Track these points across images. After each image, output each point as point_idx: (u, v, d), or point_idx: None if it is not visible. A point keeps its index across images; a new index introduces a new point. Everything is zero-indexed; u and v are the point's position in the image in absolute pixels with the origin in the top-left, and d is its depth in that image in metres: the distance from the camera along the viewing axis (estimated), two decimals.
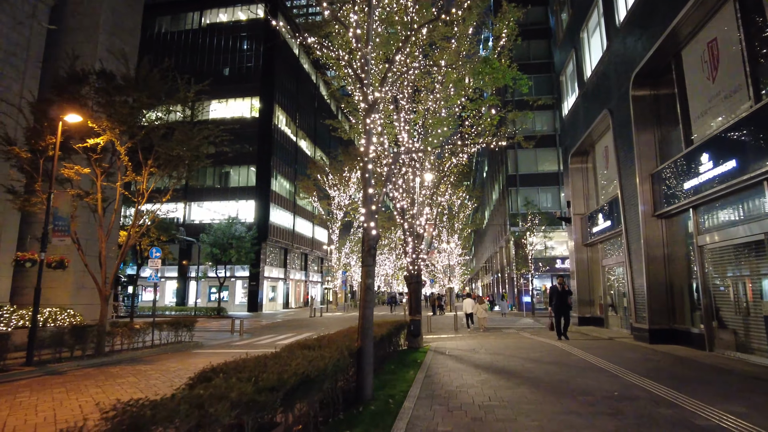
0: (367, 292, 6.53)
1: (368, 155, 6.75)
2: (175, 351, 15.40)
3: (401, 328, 12.09)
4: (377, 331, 8.84)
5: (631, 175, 12.84)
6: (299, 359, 4.46)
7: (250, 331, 23.34)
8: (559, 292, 14.11)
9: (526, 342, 13.50)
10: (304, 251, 55.25)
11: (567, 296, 14.20)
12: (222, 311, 36.76)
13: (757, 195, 8.34)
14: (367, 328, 6.40)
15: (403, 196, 13.88)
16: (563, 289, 14.19)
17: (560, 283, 14.34)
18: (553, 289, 14.49)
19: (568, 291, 14.31)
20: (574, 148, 18.39)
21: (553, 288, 14.54)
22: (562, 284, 14.33)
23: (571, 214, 18.97)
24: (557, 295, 14.09)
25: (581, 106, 17.61)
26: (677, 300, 11.61)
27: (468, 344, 13.33)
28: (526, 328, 20.60)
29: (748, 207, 8.69)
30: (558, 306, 14.05)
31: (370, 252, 6.59)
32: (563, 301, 14.04)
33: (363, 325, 6.43)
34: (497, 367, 8.80)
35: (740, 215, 8.99)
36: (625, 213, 13.34)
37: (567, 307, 14.12)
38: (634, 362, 8.87)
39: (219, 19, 49.07)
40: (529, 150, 40.37)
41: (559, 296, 14.03)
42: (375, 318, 7.26)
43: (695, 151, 9.81)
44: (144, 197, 14.31)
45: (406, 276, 13.99)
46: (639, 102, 12.34)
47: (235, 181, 45.95)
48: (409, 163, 13.83)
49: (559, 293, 14.09)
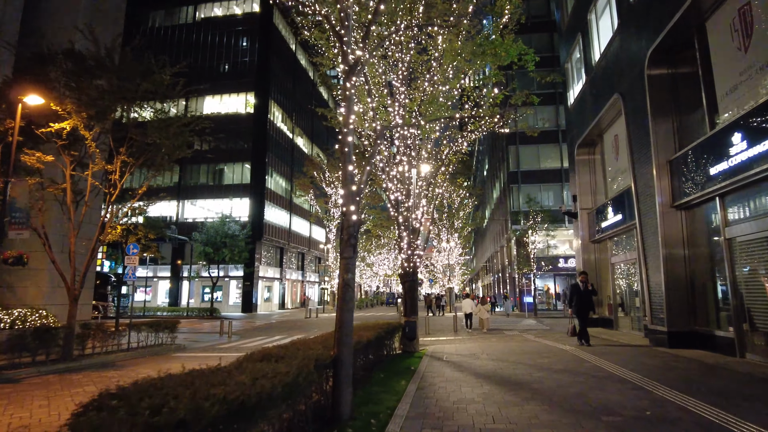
0: (345, 290, 5.42)
1: (348, 125, 5.64)
2: (154, 354, 14.35)
3: (394, 331, 10.98)
4: (364, 334, 7.74)
5: (645, 164, 11.73)
6: (244, 376, 3.37)
7: (240, 332, 22.33)
8: (581, 291, 11.95)
9: (531, 346, 12.38)
10: (300, 251, 54.13)
11: (591, 296, 12.00)
12: (215, 312, 35.66)
13: None
14: (345, 334, 5.30)
15: (398, 187, 12.77)
16: (586, 288, 11.98)
17: (582, 281, 12.10)
18: (574, 287, 12.32)
19: (592, 290, 12.04)
20: (581, 138, 17.28)
21: (573, 286, 12.36)
22: (585, 281, 12.07)
23: (578, 208, 17.86)
24: (579, 294, 11.94)
25: (588, 93, 16.51)
26: (699, 300, 10.49)
27: (468, 348, 12.22)
28: (530, 330, 19.49)
29: None
30: (580, 308, 11.90)
31: (350, 242, 5.49)
32: (586, 302, 11.89)
33: (340, 331, 5.33)
34: (501, 376, 7.69)
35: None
36: (639, 205, 12.23)
37: (590, 307, 12.05)
38: (658, 371, 7.76)
39: (214, 13, 47.98)
40: (531, 146, 39.30)
41: (582, 296, 11.89)
42: (368, 319, 6.14)
43: (724, 132, 8.70)
44: (117, 189, 13.22)
45: (401, 274, 12.88)
46: (655, 82, 11.23)
47: (229, 179, 44.82)
48: (404, 151, 12.72)
49: (581, 293, 11.93)
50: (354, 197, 5.55)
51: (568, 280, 38.12)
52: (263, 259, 44.42)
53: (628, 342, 12.22)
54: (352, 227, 5.49)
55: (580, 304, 11.90)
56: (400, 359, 10.40)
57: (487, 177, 56.68)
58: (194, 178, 45.01)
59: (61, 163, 12.87)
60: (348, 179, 5.55)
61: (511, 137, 39.52)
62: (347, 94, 5.69)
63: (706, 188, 9.43)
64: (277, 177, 47.03)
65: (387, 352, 10.99)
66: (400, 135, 12.61)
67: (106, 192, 13.05)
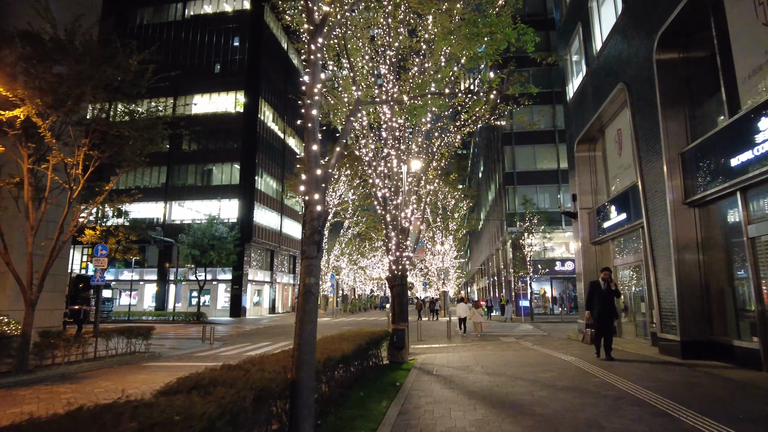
0: (307, 298, 4.38)
1: (313, 96, 4.62)
2: (124, 364, 13.33)
3: (380, 340, 9.93)
4: (340, 347, 6.69)
5: (654, 157, 10.78)
6: (135, 423, 2.34)
7: (225, 338, 21.27)
8: (602, 291, 9.87)
9: (531, 356, 11.36)
10: (292, 253, 52.95)
11: (614, 298, 9.98)
12: (202, 316, 34.44)
13: None
14: (305, 353, 4.25)
15: (385, 183, 11.76)
16: (609, 288, 9.90)
17: (605, 278, 9.97)
18: (593, 287, 10.14)
19: (614, 290, 9.99)
20: (581, 134, 16.34)
21: (593, 285, 10.16)
22: (607, 279, 9.97)
23: (577, 208, 16.89)
24: (600, 295, 9.88)
25: (589, 86, 15.58)
26: (716, 306, 9.51)
27: (461, 358, 11.18)
28: (527, 336, 18.50)
29: None
30: (602, 312, 9.82)
31: (313, 237, 4.45)
32: (608, 306, 9.86)
33: (300, 348, 4.28)
34: (498, 396, 6.65)
35: None
36: (646, 203, 11.27)
37: (613, 313, 9.98)
38: (679, 389, 6.75)
39: (203, 10, 46.89)
40: (527, 146, 38.43)
41: (603, 298, 9.83)
42: (359, 324, 5.11)
43: (748, 117, 7.74)
44: (80, 185, 12.12)
45: (389, 277, 11.86)
46: (665, 67, 10.29)
47: (218, 179, 43.65)
48: (392, 144, 11.72)
49: (602, 293, 9.86)
50: (319, 183, 4.52)
51: (565, 284, 37.19)
52: (253, 262, 43.23)
53: (635, 351, 11.22)
54: (315, 220, 4.46)
55: (601, 308, 9.84)
56: (386, 372, 9.36)
57: (483, 179, 55.79)
58: (182, 179, 43.80)
59: (18, 156, 11.77)
60: (311, 161, 4.52)
61: (507, 137, 38.65)
62: (312, 59, 4.67)
63: (725, 182, 8.46)
64: (267, 178, 45.90)
65: (373, 362, 9.95)
66: (387, 127, 11.62)
67: (67, 188, 11.94)
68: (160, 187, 43.62)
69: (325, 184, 4.58)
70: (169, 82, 13.14)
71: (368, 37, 11.48)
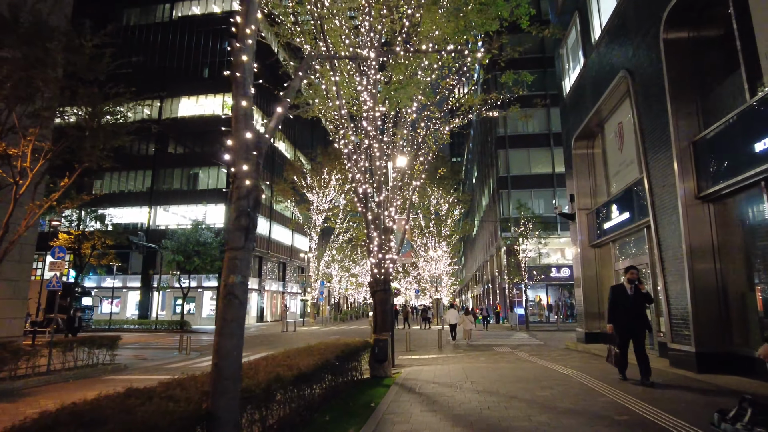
0: (229, 304, 3.25)
1: (245, 38, 3.53)
2: (82, 378, 12.16)
3: (355, 354, 8.76)
4: (298, 363, 5.55)
5: (661, 149, 9.76)
6: None
7: (204, 348, 20.04)
8: (628, 297, 7.66)
9: (527, 369, 10.23)
10: (282, 260, 51.62)
11: (643, 305, 7.79)
12: (185, 325, 33.03)
13: None
14: (226, 376, 3.12)
15: (366, 178, 10.66)
16: (637, 292, 7.67)
17: (631, 279, 7.68)
18: (616, 292, 7.90)
19: (645, 295, 7.72)
20: (579, 129, 15.36)
21: (616, 291, 7.92)
22: (634, 280, 7.68)
23: (576, 209, 15.87)
24: (626, 302, 7.68)
25: (587, 78, 14.62)
26: (736, 314, 8.45)
27: (450, 371, 10.03)
28: (522, 346, 17.38)
29: None
30: (630, 323, 7.67)
31: (239, 221, 3.34)
32: (638, 314, 7.66)
33: (218, 370, 3.15)
34: (489, 422, 5.51)
35: None
36: (653, 199, 10.23)
37: (645, 324, 7.79)
38: (705, 412, 5.64)
39: (192, 11, 45.94)
40: (521, 150, 37.59)
41: (631, 305, 7.64)
42: (347, 334, 3.96)
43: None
44: (28, 179, 10.93)
45: (370, 282, 10.73)
46: (673, 48, 9.31)
47: (204, 184, 42.40)
48: (373, 134, 10.64)
49: (628, 300, 7.65)
50: (250, 150, 3.41)
51: (561, 291, 36.15)
52: None
53: None
54: (244, 199, 3.34)
55: (629, 318, 7.66)
56: (364, 389, 8.21)
57: (476, 184, 54.89)
58: (167, 183, 42.52)
59: None
60: (240, 122, 3.42)
61: (501, 141, 37.79)
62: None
63: (746, 171, 7.43)
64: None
65: (351, 376, 8.81)
66: (368, 116, 10.55)
67: (12, 182, 10.74)
68: (144, 192, 42.31)
69: (260, 153, 3.48)
70: (156, 83, 12.35)
71: (347, 17, 10.46)
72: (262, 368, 4.90)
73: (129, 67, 11.43)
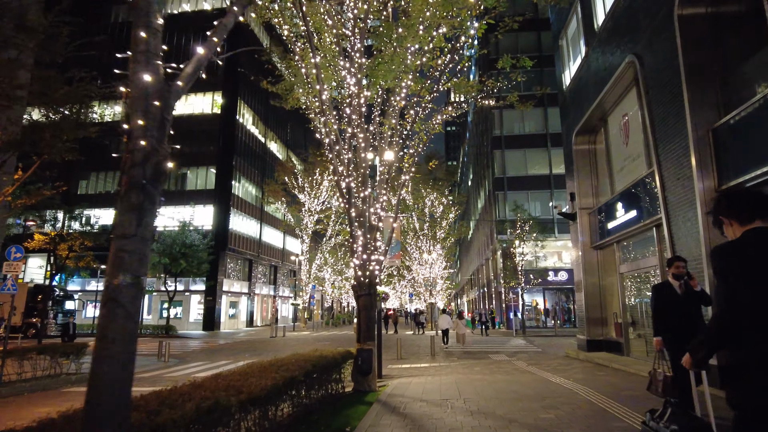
0: (110, 316, 2.24)
1: None
2: (40, 390, 11.19)
3: (333, 367, 7.73)
4: (249, 384, 4.53)
5: (675, 139, 8.83)
6: None
7: (185, 355, 19.02)
8: (680, 296, 5.47)
9: (526, 382, 9.22)
10: (273, 263, 50.44)
11: (699, 306, 5.56)
12: (171, 330, 31.85)
13: None
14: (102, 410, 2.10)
15: (350, 171, 9.68)
16: (688, 290, 5.51)
17: (679, 274, 5.55)
18: (662, 291, 5.64)
19: (701, 294, 5.57)
20: (580, 124, 14.45)
21: (661, 289, 5.66)
22: (682, 276, 5.55)
23: (576, 208, 14.94)
24: (678, 304, 5.45)
25: (589, 69, 13.72)
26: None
27: (442, 385, 9.02)
28: (519, 353, 16.42)
29: None
30: (684, 333, 5.21)
31: (129, 198, 2.33)
32: (694, 320, 5.37)
33: (92, 408, 2.14)
34: None
35: None
36: (665, 194, 9.29)
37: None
38: None
39: (181, 8, 44.92)
40: (517, 151, 36.71)
41: (684, 308, 5.41)
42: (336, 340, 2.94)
43: None
44: None
45: (354, 286, 9.70)
46: (689, 26, 8.39)
47: (192, 184, 41.23)
48: (358, 122, 9.66)
49: (680, 300, 5.45)
50: (150, 101, 2.41)
51: (558, 295, 35.22)
52: (229, 272, 40.70)
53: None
54: (138, 166, 2.34)
55: (683, 327, 5.30)
56: (343, 407, 7.18)
57: (472, 187, 53.97)
58: None
59: None
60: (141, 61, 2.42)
61: (497, 141, 36.91)
62: None
63: None
64: (245, 183, 43.59)
65: (331, 390, 7.80)
66: (352, 102, 9.58)
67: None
68: None
69: (166, 106, 2.49)
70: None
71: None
72: (200, 393, 3.88)
73: (92, 47, 10.34)
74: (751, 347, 1.94)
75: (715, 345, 2.14)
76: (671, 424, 2.84)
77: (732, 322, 1.99)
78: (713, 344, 2.14)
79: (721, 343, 2.09)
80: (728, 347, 2.05)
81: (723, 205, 2.24)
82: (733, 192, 2.31)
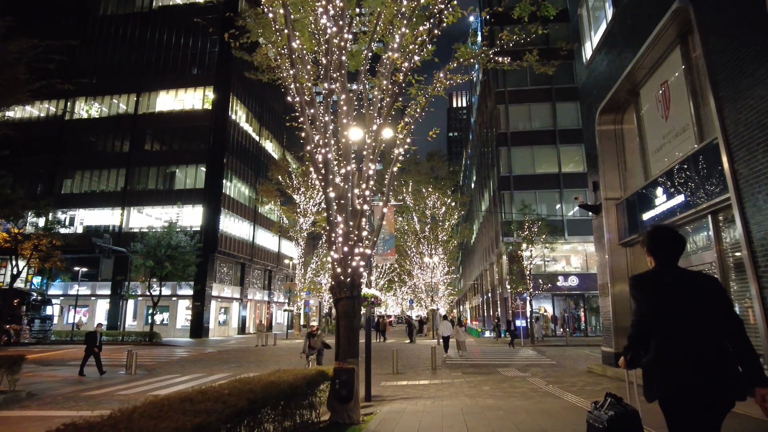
0: None
1: None
2: None
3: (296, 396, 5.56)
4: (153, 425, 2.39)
5: (753, 91, 6.72)
6: None
7: (159, 365, 17.03)
8: None
9: (554, 411, 7.05)
10: (268, 268, 48.27)
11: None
12: (155, 337, 29.61)
13: None
14: None
15: (327, 139, 7.59)
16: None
17: None
18: None
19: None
20: (605, 100, 12.38)
21: None
22: None
23: (601, 199, 12.82)
24: None
25: (617, 33, 11.67)
26: None
27: (444, 414, 6.86)
28: (532, 366, 14.29)
29: None
30: None
31: None
32: None
33: None
34: None
35: None
36: (734, 167, 7.17)
37: None
38: None
39: (173, 1, 43.14)
40: (524, 148, 34.60)
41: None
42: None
43: None
44: None
45: (332, 287, 7.54)
46: None
47: (181, 183, 39.19)
48: (338, 77, 7.59)
49: None
50: None
51: (567, 301, 32.99)
52: (219, 276, 38.55)
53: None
54: None
55: None
56: None
57: (475, 188, 51.85)
58: (142, 183, 39.31)
59: None
60: None
61: (502, 138, 34.80)
62: None
63: None
64: (238, 183, 41.53)
65: (299, 422, 5.71)
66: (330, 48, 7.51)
67: None
68: (117, 192, 39.10)
69: None
70: (133, 76, 9.80)
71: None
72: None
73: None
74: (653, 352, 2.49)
75: (632, 350, 2.67)
76: (609, 411, 3.08)
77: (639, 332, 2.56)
78: (631, 349, 2.66)
79: (634, 349, 2.62)
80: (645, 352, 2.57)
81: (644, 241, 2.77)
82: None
